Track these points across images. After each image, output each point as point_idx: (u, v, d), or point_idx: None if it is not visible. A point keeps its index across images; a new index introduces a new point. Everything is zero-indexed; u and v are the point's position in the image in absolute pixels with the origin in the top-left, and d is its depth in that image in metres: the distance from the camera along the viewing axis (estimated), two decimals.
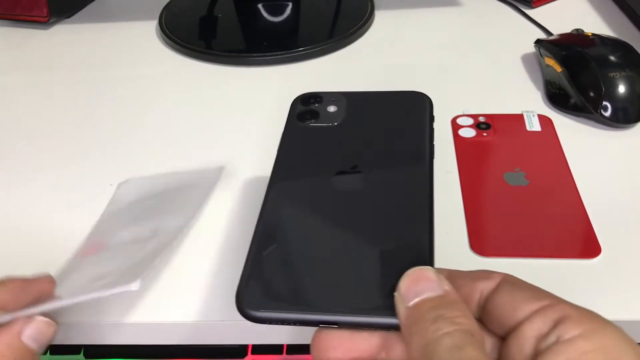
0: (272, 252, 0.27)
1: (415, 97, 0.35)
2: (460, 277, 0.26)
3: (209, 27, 0.64)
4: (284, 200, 0.30)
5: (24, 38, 0.65)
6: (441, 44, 0.59)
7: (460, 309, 0.23)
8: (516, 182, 0.42)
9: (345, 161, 0.31)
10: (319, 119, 0.34)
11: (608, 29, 0.60)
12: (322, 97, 0.35)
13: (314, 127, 0.34)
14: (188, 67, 0.58)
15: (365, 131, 0.33)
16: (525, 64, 0.55)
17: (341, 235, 0.27)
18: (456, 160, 0.44)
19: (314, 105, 0.35)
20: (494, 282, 0.25)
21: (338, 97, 0.35)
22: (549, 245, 0.37)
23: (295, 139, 0.33)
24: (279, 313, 0.25)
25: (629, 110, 0.46)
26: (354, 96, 0.35)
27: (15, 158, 0.48)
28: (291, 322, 0.25)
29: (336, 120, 0.34)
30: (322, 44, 0.59)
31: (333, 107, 0.35)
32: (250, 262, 0.26)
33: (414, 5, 0.66)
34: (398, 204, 0.28)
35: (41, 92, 0.56)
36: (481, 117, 0.48)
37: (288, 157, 0.32)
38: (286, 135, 0.34)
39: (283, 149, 0.33)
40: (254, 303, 0.25)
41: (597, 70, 0.47)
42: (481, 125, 0.47)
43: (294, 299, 0.25)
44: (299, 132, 0.34)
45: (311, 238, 0.27)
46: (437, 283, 0.23)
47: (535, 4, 0.64)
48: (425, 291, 0.23)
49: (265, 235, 0.28)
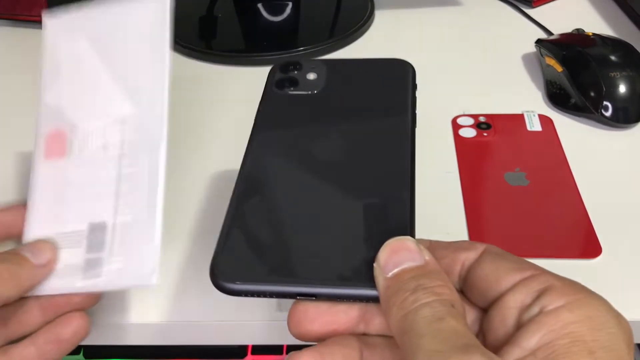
0: (248, 223, 0.26)
1: (397, 65, 0.33)
2: (442, 248, 0.25)
3: (208, 27, 0.64)
4: (260, 170, 0.29)
5: (24, 38, 0.65)
6: (441, 44, 0.59)
7: (441, 279, 0.22)
8: (517, 182, 0.42)
9: (325, 130, 0.30)
10: (298, 86, 0.33)
11: (609, 28, 0.60)
12: (302, 65, 0.34)
13: (292, 94, 0.32)
14: (188, 67, 0.58)
15: (346, 99, 0.32)
16: (525, 63, 0.55)
17: (320, 206, 0.27)
18: (456, 160, 0.44)
19: (293, 73, 0.34)
20: (476, 253, 0.24)
21: (318, 65, 0.34)
22: (550, 245, 0.37)
23: (273, 107, 0.32)
24: (254, 285, 0.24)
25: (629, 110, 0.46)
26: (334, 64, 0.34)
27: (15, 158, 0.48)
28: (267, 295, 0.24)
29: (316, 88, 0.32)
30: (322, 43, 0.59)
31: (313, 75, 0.33)
32: (225, 234, 0.26)
33: (414, 5, 0.66)
34: (378, 174, 0.27)
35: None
36: (481, 117, 0.48)
37: (265, 126, 0.31)
38: (264, 103, 0.32)
39: (260, 117, 0.31)
40: (229, 275, 0.24)
41: (598, 70, 0.47)
42: (482, 125, 0.47)
43: (270, 270, 0.24)
44: (277, 99, 0.32)
45: (289, 209, 0.26)
46: (417, 253, 0.23)
47: (535, 3, 0.64)
48: (404, 261, 0.22)
49: (240, 206, 0.27)
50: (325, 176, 0.28)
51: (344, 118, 0.31)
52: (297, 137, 0.30)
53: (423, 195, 0.41)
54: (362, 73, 0.34)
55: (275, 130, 0.31)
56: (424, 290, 0.21)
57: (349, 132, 0.30)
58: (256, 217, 0.26)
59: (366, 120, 0.30)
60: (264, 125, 0.31)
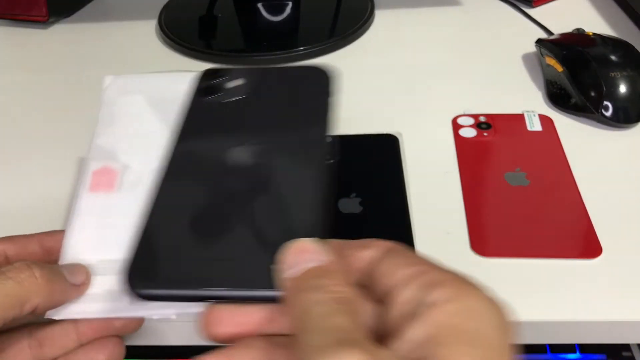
0: (161, 231, 0.27)
1: (315, 72, 0.35)
2: (348, 247, 0.26)
3: (208, 27, 0.64)
4: (178, 175, 0.30)
5: (23, 38, 0.65)
6: (441, 44, 0.59)
7: (337, 278, 0.23)
8: (517, 182, 0.42)
9: (242, 136, 0.31)
10: (221, 93, 0.34)
11: (609, 28, 0.60)
12: (226, 73, 0.36)
13: (215, 101, 0.34)
14: (187, 67, 0.58)
15: (265, 106, 0.33)
16: (525, 63, 0.55)
17: (231, 211, 0.28)
18: (457, 160, 0.44)
19: (218, 80, 0.35)
20: (379, 251, 0.25)
21: (242, 73, 0.35)
22: (550, 245, 0.37)
23: (196, 113, 0.33)
24: (163, 290, 0.25)
25: (629, 110, 0.46)
26: (257, 72, 0.36)
27: (15, 158, 0.48)
28: (176, 299, 0.25)
29: (238, 95, 0.34)
30: (322, 43, 0.59)
31: (236, 83, 0.35)
32: (139, 242, 0.27)
33: (414, 5, 0.66)
34: (290, 179, 0.29)
35: (40, 92, 0.56)
36: (482, 117, 0.48)
37: (187, 132, 0.32)
38: (187, 109, 0.34)
39: (183, 123, 0.33)
40: (140, 282, 0.25)
41: (598, 70, 0.47)
42: (482, 125, 0.47)
43: (179, 276, 0.26)
44: (200, 106, 0.34)
45: (200, 216, 0.28)
46: (316, 254, 0.24)
47: (535, 3, 0.64)
48: (303, 262, 0.23)
49: (155, 213, 0.28)
50: (238, 183, 0.29)
51: (260, 125, 0.32)
52: (216, 144, 0.31)
53: (423, 196, 0.41)
54: (283, 81, 0.35)
55: (195, 138, 0.32)
56: (319, 290, 0.22)
57: (264, 139, 0.31)
58: (168, 225, 0.28)
59: (281, 127, 0.32)
60: (185, 133, 0.32)
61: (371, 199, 0.40)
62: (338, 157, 0.43)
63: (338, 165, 0.41)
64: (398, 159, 0.43)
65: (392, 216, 0.39)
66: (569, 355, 0.44)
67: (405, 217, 0.39)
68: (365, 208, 0.39)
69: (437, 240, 0.38)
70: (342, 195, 0.40)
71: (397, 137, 0.45)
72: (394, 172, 0.42)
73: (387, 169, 0.43)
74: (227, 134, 0.32)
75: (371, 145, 0.45)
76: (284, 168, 0.29)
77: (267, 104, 0.34)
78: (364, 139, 0.46)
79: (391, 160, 0.44)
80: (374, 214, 0.39)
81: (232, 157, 0.30)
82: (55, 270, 0.29)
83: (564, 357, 0.44)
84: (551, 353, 0.44)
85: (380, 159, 0.44)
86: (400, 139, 0.45)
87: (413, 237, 0.38)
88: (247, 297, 0.25)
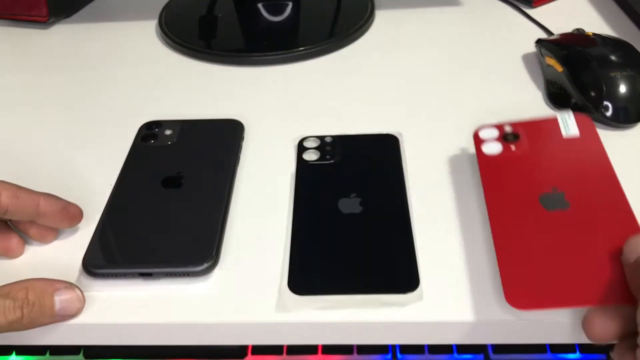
0: (111, 228, 0.39)
1: (230, 124, 0.48)
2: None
3: (208, 27, 0.64)
4: (124, 196, 0.42)
5: (23, 38, 0.65)
6: (441, 44, 0.59)
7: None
8: (554, 205, 0.35)
9: (171, 170, 0.43)
10: (157, 140, 0.46)
11: (609, 28, 0.60)
12: (162, 124, 0.48)
13: (151, 146, 0.46)
14: (188, 66, 0.58)
15: (190, 150, 0.45)
16: (525, 63, 0.55)
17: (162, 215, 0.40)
18: (481, 184, 0.38)
19: (154, 130, 0.47)
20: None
21: (174, 124, 0.47)
22: (603, 288, 0.30)
23: (136, 155, 0.45)
24: (109, 269, 0.36)
25: (630, 110, 0.46)
26: (186, 123, 0.48)
27: (15, 158, 0.48)
28: (119, 275, 0.36)
29: (170, 141, 0.46)
30: (322, 43, 0.59)
31: (169, 131, 0.47)
32: (95, 235, 0.38)
33: (414, 5, 0.66)
34: (201, 200, 0.40)
35: (40, 92, 0.56)
36: (507, 126, 0.41)
37: (129, 169, 0.44)
38: (130, 152, 0.45)
39: (126, 163, 0.44)
40: (93, 263, 0.37)
41: (598, 70, 0.47)
42: (508, 137, 0.41)
43: (121, 258, 0.37)
44: (140, 149, 0.46)
45: (140, 218, 0.39)
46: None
47: (535, 3, 0.64)
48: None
49: (108, 216, 0.40)
50: (167, 198, 0.41)
51: (186, 163, 0.44)
52: (150, 175, 0.43)
53: (423, 195, 0.41)
54: (206, 130, 0.47)
55: (135, 170, 0.44)
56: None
57: (188, 173, 0.43)
58: (117, 224, 0.39)
59: (201, 166, 0.43)
60: (128, 170, 0.44)
61: (371, 199, 0.40)
62: (338, 157, 0.43)
63: (338, 165, 0.42)
64: (398, 159, 0.43)
65: (392, 216, 0.39)
66: (569, 355, 0.44)
67: (405, 217, 0.39)
68: (365, 208, 0.39)
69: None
70: (342, 195, 0.40)
71: (397, 137, 0.45)
72: (394, 172, 0.42)
73: (387, 169, 0.43)
74: (158, 169, 0.43)
75: (371, 145, 0.45)
76: (199, 193, 0.41)
77: (192, 148, 0.45)
78: (364, 139, 0.46)
79: (391, 160, 0.44)
80: (374, 214, 0.39)
81: (164, 183, 0.42)
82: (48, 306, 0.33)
83: (564, 357, 0.44)
84: (551, 353, 0.44)
85: (380, 159, 0.44)
86: (400, 139, 0.45)
87: (413, 237, 0.38)
88: (172, 272, 0.36)
